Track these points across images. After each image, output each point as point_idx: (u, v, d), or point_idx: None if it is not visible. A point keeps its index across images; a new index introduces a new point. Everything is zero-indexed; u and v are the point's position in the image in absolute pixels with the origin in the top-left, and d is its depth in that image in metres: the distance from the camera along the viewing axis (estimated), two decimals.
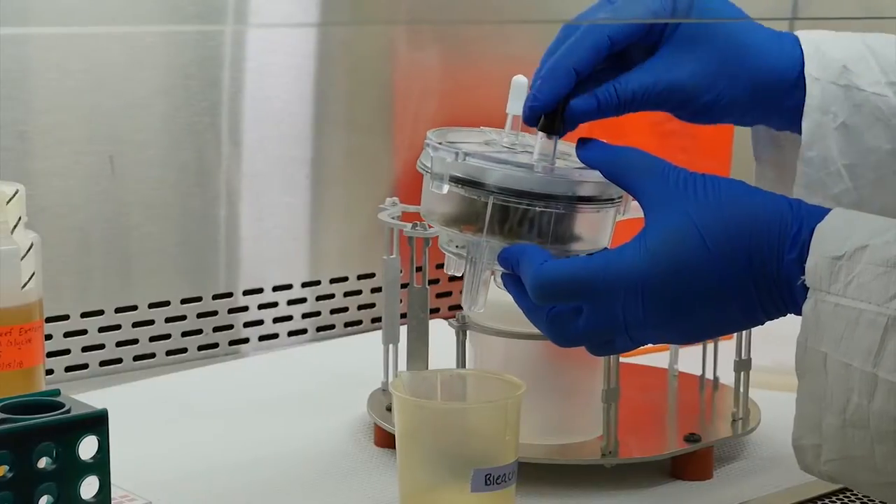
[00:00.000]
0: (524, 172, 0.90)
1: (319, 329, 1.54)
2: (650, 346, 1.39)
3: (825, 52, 0.95)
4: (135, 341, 1.41)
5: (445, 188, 0.91)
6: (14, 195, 1.05)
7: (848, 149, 0.94)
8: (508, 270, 0.91)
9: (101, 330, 1.39)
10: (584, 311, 0.87)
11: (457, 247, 0.94)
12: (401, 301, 1.17)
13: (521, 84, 0.95)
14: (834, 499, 1.06)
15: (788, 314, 0.86)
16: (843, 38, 0.97)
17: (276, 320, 1.51)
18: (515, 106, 0.95)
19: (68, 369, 1.37)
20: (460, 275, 0.95)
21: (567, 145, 0.95)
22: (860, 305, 0.80)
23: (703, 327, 0.87)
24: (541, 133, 0.92)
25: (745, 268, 0.84)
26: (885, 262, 0.80)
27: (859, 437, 0.80)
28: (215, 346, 1.47)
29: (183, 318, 1.44)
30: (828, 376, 0.81)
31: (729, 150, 1.52)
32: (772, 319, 0.87)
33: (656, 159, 0.89)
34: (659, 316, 0.86)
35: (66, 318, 1.36)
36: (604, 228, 0.94)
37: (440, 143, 0.92)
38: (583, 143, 0.91)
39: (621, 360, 1.08)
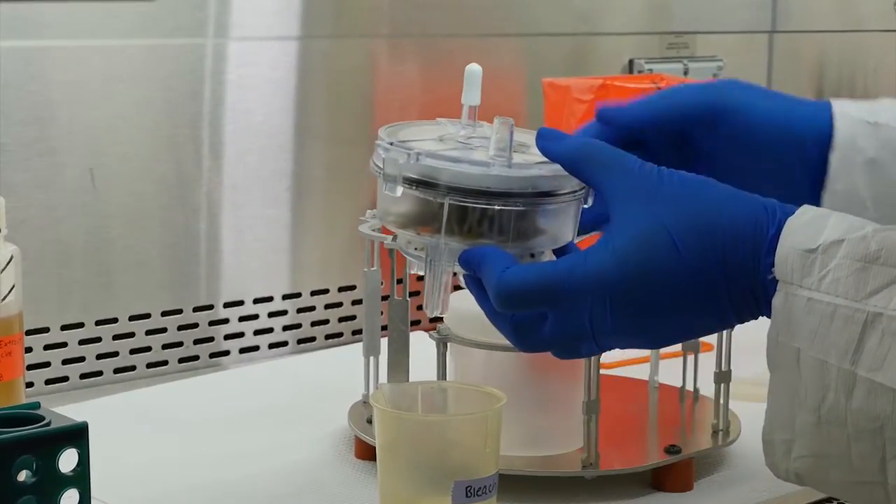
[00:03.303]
0: (480, 170, 0.86)
1: (300, 341, 1.54)
2: (631, 357, 1.39)
3: (854, 101, 0.96)
4: (115, 354, 1.41)
5: (399, 190, 0.87)
6: None
7: (874, 183, 0.94)
8: (470, 273, 0.88)
9: (82, 342, 1.39)
10: (549, 317, 0.85)
11: (416, 249, 0.90)
12: (381, 313, 1.17)
13: (474, 73, 0.92)
14: None
15: (761, 317, 0.84)
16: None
17: (256, 332, 1.51)
18: (471, 96, 0.92)
19: (48, 382, 1.37)
20: (422, 274, 0.91)
21: (526, 134, 0.92)
22: (836, 301, 0.78)
23: (673, 332, 0.85)
24: (497, 119, 0.88)
25: (717, 270, 0.82)
26: (862, 257, 0.79)
27: (835, 434, 0.79)
28: (196, 358, 1.47)
29: (163, 330, 1.44)
30: (801, 372, 0.80)
31: None
32: (744, 322, 0.85)
33: (619, 152, 0.86)
34: (627, 322, 0.83)
35: (46, 330, 1.36)
36: (567, 221, 0.89)
37: (391, 144, 0.88)
38: (542, 135, 0.88)
39: (602, 371, 1.08)
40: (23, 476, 0.87)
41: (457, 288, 1.11)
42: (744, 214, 0.82)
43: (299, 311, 1.54)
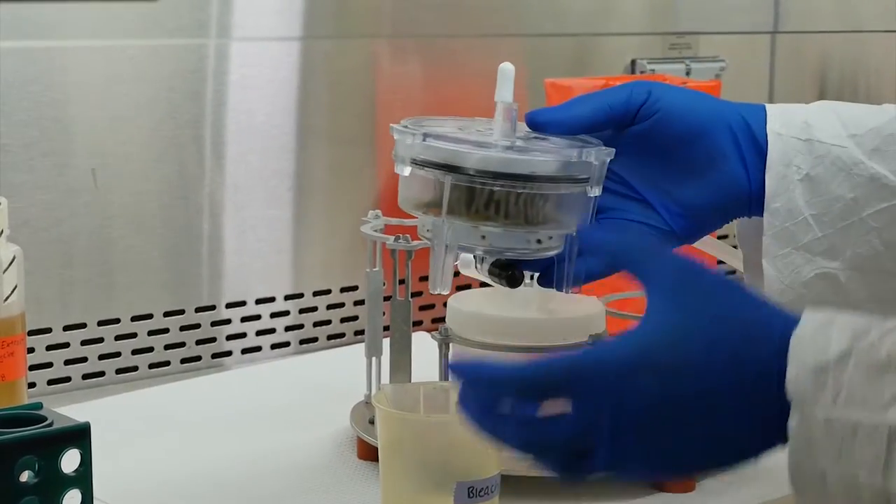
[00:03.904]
0: (482, 151, 0.87)
1: (302, 342, 1.54)
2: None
3: (787, 111, 0.96)
4: (117, 354, 1.41)
5: (407, 170, 0.89)
6: None
7: (813, 199, 0.94)
8: (459, 378, 0.81)
9: (84, 343, 1.39)
10: (564, 413, 0.78)
11: (427, 230, 0.91)
12: (384, 314, 1.17)
13: (507, 71, 0.93)
14: None
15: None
16: (809, 104, 0.98)
17: (258, 333, 1.51)
18: (503, 93, 0.92)
19: (51, 382, 1.37)
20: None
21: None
22: (854, 416, 0.75)
23: (697, 447, 0.78)
24: (500, 103, 0.89)
25: (740, 380, 0.77)
26: (875, 365, 0.75)
27: None
28: (198, 358, 1.47)
29: (166, 331, 1.44)
30: (828, 492, 0.76)
31: None
32: (768, 451, 0.79)
33: (661, 246, 0.85)
34: (649, 419, 0.77)
35: (48, 331, 1.36)
36: (575, 208, 0.89)
37: (405, 127, 0.90)
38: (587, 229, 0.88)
39: None
40: (25, 476, 0.87)
41: (459, 288, 1.11)
42: (767, 328, 0.78)
43: (301, 311, 1.54)
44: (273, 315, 1.52)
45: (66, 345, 1.38)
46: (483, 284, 1.04)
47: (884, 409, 0.75)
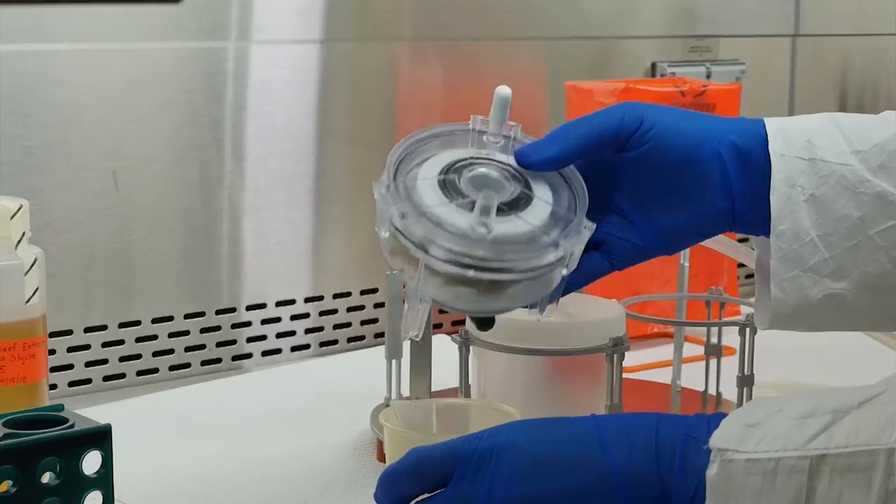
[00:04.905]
0: (455, 240, 0.87)
1: (322, 344, 1.54)
2: (653, 361, 1.39)
3: (789, 129, 0.94)
4: (138, 356, 1.41)
5: (386, 234, 0.89)
6: (18, 210, 1.05)
7: (819, 219, 0.93)
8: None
9: (105, 345, 1.39)
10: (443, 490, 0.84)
11: (400, 270, 0.91)
12: None
13: (502, 97, 0.93)
14: None
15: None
16: (809, 116, 0.97)
17: (279, 335, 1.51)
18: (493, 123, 0.94)
19: (72, 384, 1.37)
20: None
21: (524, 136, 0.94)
22: (776, 455, 0.77)
23: None
24: (483, 193, 0.89)
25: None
26: (799, 415, 0.78)
27: None
28: (218, 361, 1.47)
29: (186, 333, 1.44)
30: None
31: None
32: None
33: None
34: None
35: (69, 333, 1.37)
36: (545, 287, 0.90)
37: (387, 187, 0.90)
38: None
39: (624, 375, 1.08)
40: (46, 478, 0.87)
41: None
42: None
43: (321, 314, 1.54)
44: (293, 317, 1.52)
45: (87, 347, 1.38)
46: None
47: (806, 444, 0.76)
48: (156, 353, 1.42)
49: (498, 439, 0.84)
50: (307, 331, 1.53)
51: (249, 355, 1.49)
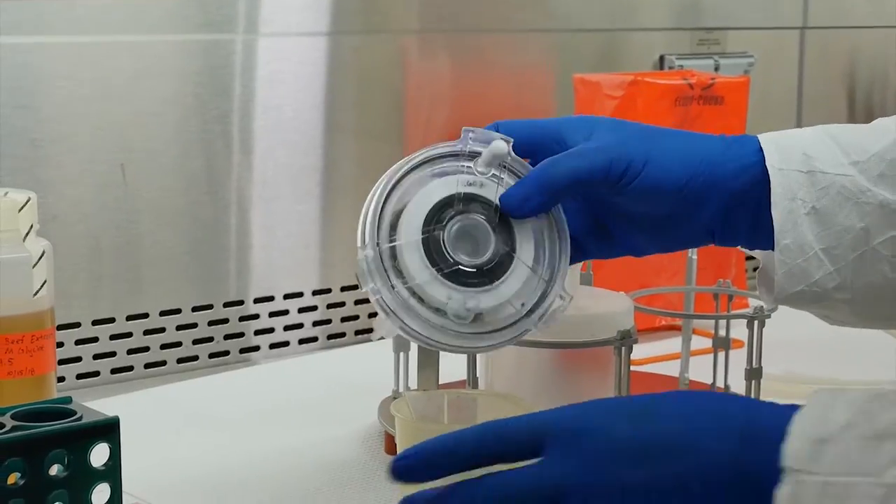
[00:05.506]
0: (431, 331, 0.91)
1: (330, 337, 1.54)
2: (662, 354, 1.39)
3: (784, 144, 0.94)
4: (146, 349, 1.41)
5: (367, 290, 0.92)
6: (26, 203, 1.05)
7: (822, 232, 0.93)
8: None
9: (113, 337, 1.39)
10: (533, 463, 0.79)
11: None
12: None
13: (499, 150, 0.94)
14: None
15: None
16: (802, 130, 0.96)
17: (286, 328, 1.51)
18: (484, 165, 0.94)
19: (80, 377, 1.37)
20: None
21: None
22: (851, 479, 0.75)
23: None
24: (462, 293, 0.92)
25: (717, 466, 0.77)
26: (873, 434, 0.75)
27: None
28: (226, 353, 1.47)
29: (194, 325, 1.44)
30: None
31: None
32: None
33: None
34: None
35: (77, 325, 1.37)
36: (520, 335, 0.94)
37: (372, 252, 0.93)
38: None
39: (632, 368, 1.08)
40: (54, 470, 0.87)
41: None
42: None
43: (329, 306, 1.54)
44: (301, 310, 1.52)
45: (95, 339, 1.38)
46: None
47: (880, 472, 0.74)
48: (164, 346, 1.42)
49: (587, 421, 0.81)
50: (315, 323, 1.53)
51: (257, 348, 1.49)
